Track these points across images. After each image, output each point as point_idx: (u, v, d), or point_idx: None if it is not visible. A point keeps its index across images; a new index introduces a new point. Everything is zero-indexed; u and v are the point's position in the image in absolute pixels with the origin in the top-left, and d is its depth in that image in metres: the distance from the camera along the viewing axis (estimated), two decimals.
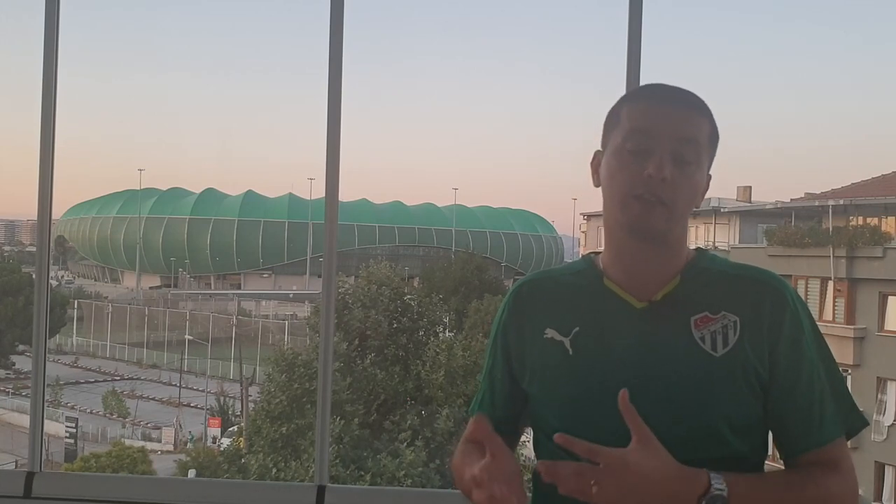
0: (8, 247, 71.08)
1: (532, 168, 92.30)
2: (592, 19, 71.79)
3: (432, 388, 15.17)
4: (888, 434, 18.92)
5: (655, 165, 1.31)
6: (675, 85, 1.41)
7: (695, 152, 1.35)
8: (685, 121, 1.36)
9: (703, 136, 1.37)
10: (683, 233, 1.41)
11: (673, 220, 1.35)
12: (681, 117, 1.36)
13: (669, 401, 1.31)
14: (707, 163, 1.39)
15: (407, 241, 60.38)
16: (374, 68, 71.32)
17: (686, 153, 1.34)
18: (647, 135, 1.34)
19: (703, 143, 1.37)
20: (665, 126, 1.34)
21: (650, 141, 1.34)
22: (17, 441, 24.82)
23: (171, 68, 75.86)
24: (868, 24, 60.57)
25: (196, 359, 38.07)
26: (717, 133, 1.41)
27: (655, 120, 1.35)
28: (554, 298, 1.46)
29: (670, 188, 1.32)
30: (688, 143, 1.34)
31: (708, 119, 1.39)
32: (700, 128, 1.37)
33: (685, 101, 1.39)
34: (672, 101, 1.38)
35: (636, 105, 1.39)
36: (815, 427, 1.35)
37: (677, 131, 1.34)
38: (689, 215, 1.40)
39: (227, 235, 58.27)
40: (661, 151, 1.32)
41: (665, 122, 1.35)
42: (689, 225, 1.43)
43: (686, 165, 1.34)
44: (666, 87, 1.41)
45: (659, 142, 1.33)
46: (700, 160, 1.36)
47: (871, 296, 19.73)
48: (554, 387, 1.40)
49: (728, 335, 1.33)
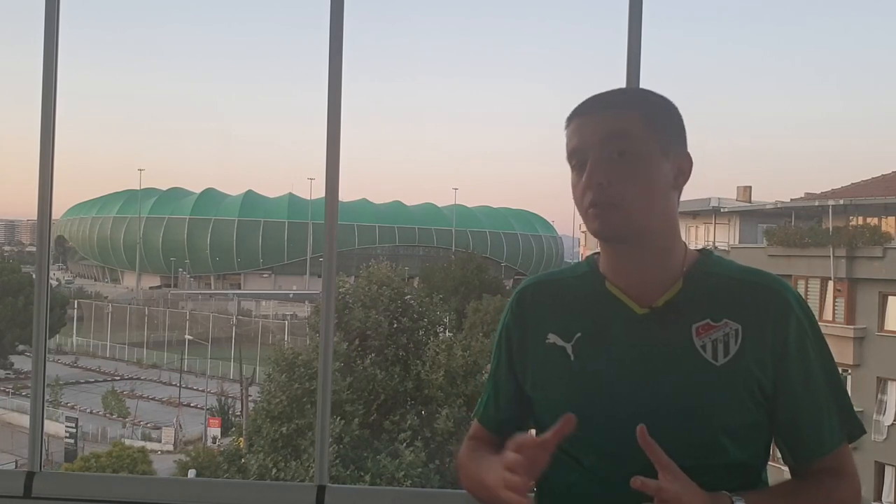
0: (8, 247, 71.20)
1: (532, 168, 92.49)
2: (593, 20, 71.84)
3: (432, 389, 15.18)
4: (888, 434, 18.93)
5: (587, 174, 1.33)
6: (604, 91, 1.40)
7: (628, 143, 1.33)
8: (606, 120, 1.35)
9: (634, 127, 1.34)
10: (666, 227, 1.37)
11: (633, 217, 1.32)
12: (601, 119, 1.36)
13: (669, 408, 1.31)
14: (656, 147, 1.35)
15: (407, 241, 60.43)
16: (374, 68, 71.43)
17: (618, 147, 1.33)
18: (579, 149, 1.36)
19: (636, 133, 1.34)
20: (589, 134, 1.35)
21: (583, 154, 1.35)
22: (17, 441, 24.84)
23: (171, 68, 75.93)
24: (868, 24, 60.61)
25: (196, 359, 38.10)
26: (664, 115, 1.39)
27: (581, 132, 1.36)
28: (557, 303, 1.45)
29: (616, 188, 1.31)
30: (615, 139, 1.33)
31: (637, 109, 1.36)
32: (627, 119, 1.35)
33: (606, 102, 1.39)
34: (593, 108, 1.38)
35: (569, 126, 1.39)
36: (822, 435, 1.36)
37: (601, 133, 1.34)
38: (665, 206, 1.36)
39: (227, 235, 58.29)
40: (591, 160, 1.33)
41: (588, 130, 1.36)
42: (683, 222, 1.42)
43: (625, 159, 1.32)
44: (593, 97, 1.40)
45: (588, 151, 1.34)
46: (639, 149, 1.33)
47: (871, 296, 19.74)
48: (556, 392, 1.40)
49: (729, 344, 1.32)
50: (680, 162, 1.38)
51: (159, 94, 72.30)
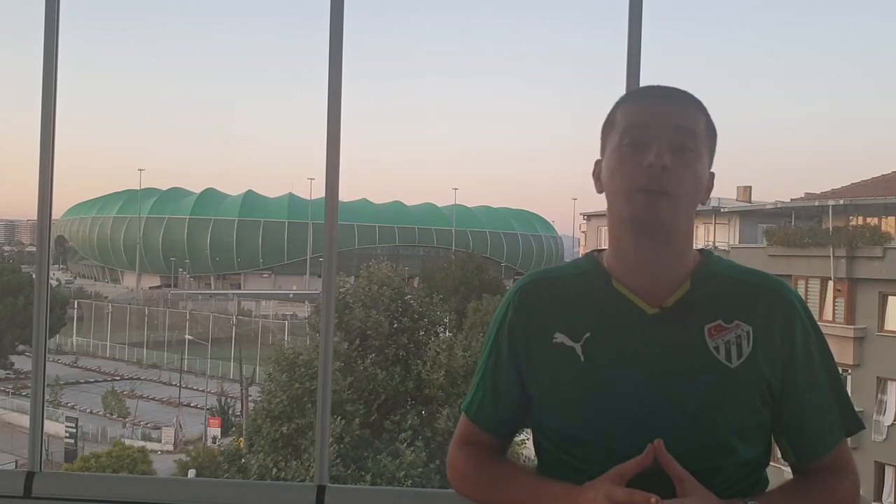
0: (8, 247, 71.18)
1: (532, 168, 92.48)
2: (593, 20, 71.83)
3: (433, 388, 15.17)
4: (888, 434, 18.93)
5: (656, 154, 1.31)
6: (671, 86, 1.42)
7: (693, 141, 1.35)
8: (680, 112, 1.37)
9: (700, 128, 1.37)
10: (689, 231, 1.40)
11: (678, 211, 1.33)
12: (676, 109, 1.37)
13: (683, 410, 1.30)
14: (707, 156, 1.38)
15: (407, 241, 60.42)
16: (374, 68, 71.42)
17: (684, 142, 1.34)
18: (645, 128, 1.35)
19: (700, 134, 1.37)
20: (661, 118, 1.35)
21: (647, 134, 1.34)
22: (17, 441, 24.82)
23: (171, 68, 75.91)
24: (868, 24, 60.59)
25: (196, 359, 38.07)
26: (715, 130, 1.41)
27: (651, 114, 1.36)
28: (561, 300, 1.42)
29: (673, 177, 1.31)
30: (685, 132, 1.35)
31: (703, 114, 1.39)
32: (696, 120, 1.37)
33: (679, 96, 1.40)
34: (666, 97, 1.40)
35: (631, 104, 1.40)
36: (825, 433, 1.38)
37: (673, 121, 1.35)
38: (694, 212, 1.38)
39: (227, 235, 58.28)
40: (659, 142, 1.33)
41: (660, 115, 1.36)
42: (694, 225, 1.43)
43: (686, 154, 1.34)
44: (659, 86, 1.42)
45: (656, 133, 1.34)
46: (699, 150, 1.36)
47: (871, 296, 19.73)
48: (564, 393, 1.36)
49: (742, 346, 1.32)
50: (710, 178, 1.41)
51: (159, 94, 72.37)
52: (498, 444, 1.51)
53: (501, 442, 1.51)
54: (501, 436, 1.50)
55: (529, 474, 1.41)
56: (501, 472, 1.45)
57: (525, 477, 1.41)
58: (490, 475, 1.45)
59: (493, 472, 1.45)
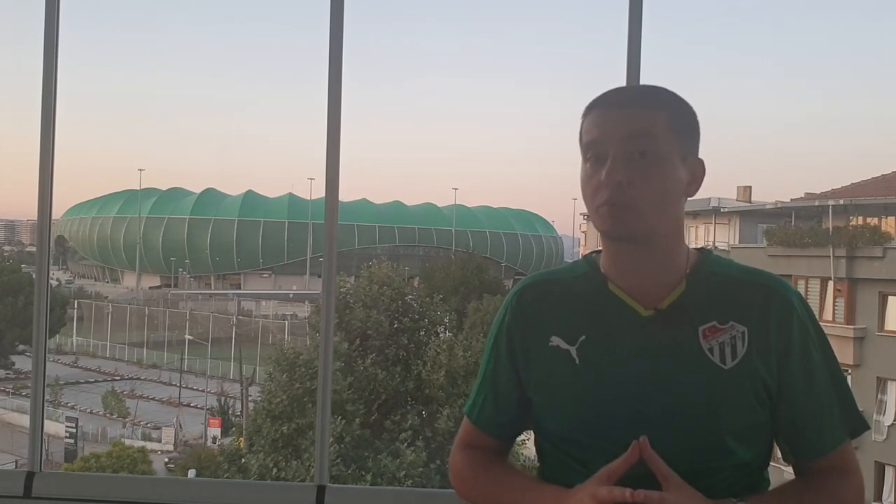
0: (8, 247, 71.18)
1: (532, 168, 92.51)
2: (593, 21, 71.86)
3: (433, 389, 15.17)
4: (888, 434, 18.93)
5: (607, 171, 1.29)
6: (629, 86, 1.39)
7: (651, 144, 1.30)
8: (632, 118, 1.32)
9: (658, 128, 1.31)
10: (674, 229, 1.36)
11: (646, 218, 1.30)
12: (627, 116, 1.32)
13: (677, 412, 1.30)
14: (677, 152, 1.33)
15: (407, 241, 60.40)
16: (374, 68, 71.41)
17: (640, 147, 1.30)
18: (599, 143, 1.32)
19: (659, 134, 1.31)
20: (612, 129, 1.31)
21: (602, 148, 1.31)
22: (17, 441, 24.83)
23: (172, 68, 75.96)
24: (869, 24, 60.62)
25: (196, 359, 38.08)
26: (687, 119, 1.37)
27: (604, 126, 1.33)
28: (559, 304, 1.42)
29: (631, 189, 1.29)
30: (639, 138, 1.30)
31: (664, 109, 1.34)
32: (652, 120, 1.32)
33: (633, 98, 1.37)
34: (619, 102, 1.35)
35: (588, 117, 1.36)
36: (826, 433, 1.36)
37: (625, 129, 1.31)
38: (677, 208, 1.35)
39: (227, 235, 58.27)
40: (612, 156, 1.30)
41: (612, 125, 1.32)
42: (684, 222, 1.40)
43: (643, 160, 1.30)
44: (618, 90, 1.39)
45: (609, 146, 1.31)
46: (659, 151, 1.31)
47: (871, 296, 19.73)
48: (560, 396, 1.37)
49: (737, 347, 1.31)
50: (694, 168, 1.37)
51: (159, 95, 72.34)
52: (499, 447, 1.51)
53: (503, 444, 1.52)
54: (503, 438, 1.51)
55: (526, 477, 1.42)
56: (499, 474, 1.45)
57: (521, 480, 1.41)
58: (488, 478, 1.46)
59: (492, 475, 1.46)
